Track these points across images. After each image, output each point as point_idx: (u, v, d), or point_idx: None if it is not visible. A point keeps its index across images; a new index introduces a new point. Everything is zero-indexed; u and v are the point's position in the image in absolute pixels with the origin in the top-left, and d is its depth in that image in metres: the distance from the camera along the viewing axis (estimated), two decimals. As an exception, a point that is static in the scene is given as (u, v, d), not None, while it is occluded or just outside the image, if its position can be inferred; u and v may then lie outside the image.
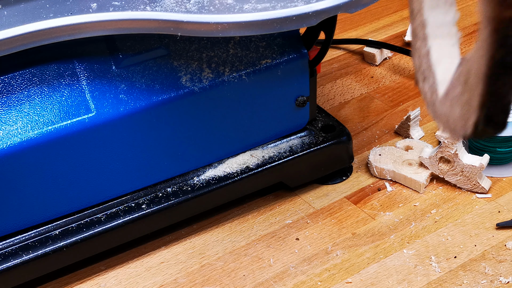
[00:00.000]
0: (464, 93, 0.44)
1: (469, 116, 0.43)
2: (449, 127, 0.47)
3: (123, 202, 0.74)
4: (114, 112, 0.69)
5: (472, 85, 0.42)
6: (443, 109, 0.47)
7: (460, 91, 0.44)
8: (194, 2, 0.65)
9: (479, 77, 0.41)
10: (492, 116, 0.42)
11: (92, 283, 0.74)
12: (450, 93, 0.46)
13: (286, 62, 0.75)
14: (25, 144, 0.66)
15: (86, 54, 0.70)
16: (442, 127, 0.48)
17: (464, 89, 0.44)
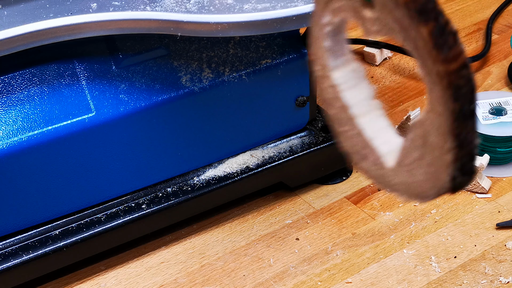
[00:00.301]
0: (425, 155, 0.44)
1: (439, 175, 0.43)
2: (413, 193, 0.47)
3: (123, 202, 0.74)
4: (114, 112, 0.69)
5: (434, 145, 0.43)
6: (398, 178, 0.48)
7: (418, 155, 0.44)
8: (194, 2, 0.65)
9: (443, 135, 0.41)
10: (466, 165, 0.42)
11: (92, 283, 0.74)
12: (404, 161, 0.46)
13: (286, 62, 0.75)
14: (25, 144, 0.66)
15: (86, 54, 0.70)
16: (403, 195, 0.48)
17: (423, 152, 0.44)
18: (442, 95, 0.40)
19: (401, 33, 0.42)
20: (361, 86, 0.50)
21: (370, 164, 0.49)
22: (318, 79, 0.50)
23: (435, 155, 0.43)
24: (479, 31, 1.10)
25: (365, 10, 0.45)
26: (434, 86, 0.40)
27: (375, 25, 0.45)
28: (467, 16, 1.15)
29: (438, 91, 0.40)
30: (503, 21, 1.13)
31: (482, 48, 1.04)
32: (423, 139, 0.44)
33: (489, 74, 1.00)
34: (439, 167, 0.43)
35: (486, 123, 0.82)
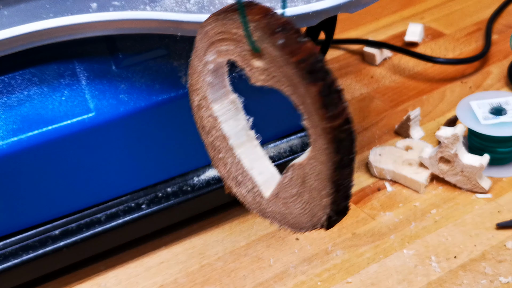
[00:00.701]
0: (303, 193, 0.47)
1: (316, 212, 0.47)
2: (288, 222, 0.50)
3: (123, 202, 0.74)
4: (114, 112, 0.69)
5: (313, 187, 0.46)
6: (274, 208, 0.50)
7: (296, 191, 0.47)
8: (194, 2, 0.65)
9: (323, 181, 0.45)
10: (340, 206, 0.46)
11: (92, 283, 0.74)
12: (282, 194, 0.49)
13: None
14: (25, 144, 0.66)
15: (86, 54, 0.70)
16: (278, 223, 0.51)
17: (302, 190, 0.47)
18: (326, 148, 0.43)
19: (289, 88, 0.43)
20: (238, 118, 0.52)
21: (246, 191, 0.51)
22: (196, 108, 0.51)
23: (313, 196, 0.46)
24: (479, 31, 1.10)
25: (253, 59, 0.45)
26: (319, 138, 0.43)
27: (263, 74, 0.45)
28: (467, 16, 1.15)
29: (322, 144, 0.43)
30: (503, 21, 1.13)
31: (482, 48, 1.04)
32: (302, 180, 0.46)
33: (489, 74, 1.00)
34: (316, 206, 0.46)
35: (486, 123, 0.82)
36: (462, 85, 0.99)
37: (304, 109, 0.43)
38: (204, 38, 0.48)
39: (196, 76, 0.50)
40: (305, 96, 0.42)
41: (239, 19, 0.44)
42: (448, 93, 0.98)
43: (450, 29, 1.12)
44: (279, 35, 0.43)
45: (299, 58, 0.42)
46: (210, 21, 0.47)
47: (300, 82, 0.42)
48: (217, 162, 0.53)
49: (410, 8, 1.19)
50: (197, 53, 0.49)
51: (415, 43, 1.08)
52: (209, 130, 0.51)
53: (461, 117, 0.83)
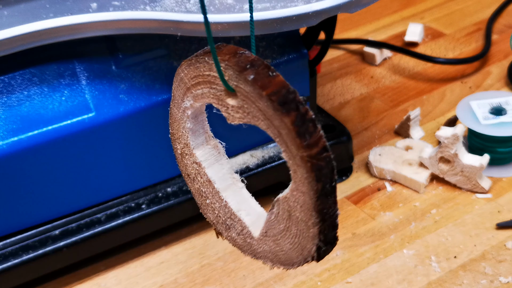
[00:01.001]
0: (291, 227, 0.47)
1: (305, 245, 0.47)
2: (280, 260, 0.50)
3: (123, 202, 0.74)
4: (114, 112, 0.69)
5: (299, 218, 0.46)
6: (265, 247, 0.50)
7: (284, 226, 0.47)
8: (194, 2, 0.65)
9: (307, 211, 0.45)
10: (328, 236, 0.46)
11: (92, 283, 0.74)
12: (270, 232, 0.49)
13: (286, 62, 0.75)
14: (25, 144, 0.66)
15: (86, 54, 0.70)
16: (271, 263, 0.51)
17: (289, 224, 0.47)
18: (306, 177, 0.43)
19: (264, 122, 0.44)
20: (221, 162, 0.52)
21: (236, 234, 0.52)
22: (180, 156, 0.52)
23: (301, 228, 0.46)
24: (479, 31, 1.10)
25: (228, 99, 0.46)
26: (298, 168, 0.43)
27: (238, 113, 0.46)
28: (467, 16, 1.15)
29: (302, 173, 0.43)
30: (503, 21, 1.13)
31: (482, 48, 1.04)
32: (288, 213, 0.47)
33: (489, 74, 1.00)
34: (305, 239, 0.47)
35: (486, 123, 0.82)
36: (462, 85, 0.99)
37: (280, 141, 0.44)
38: (181, 85, 0.49)
39: (177, 125, 0.51)
40: (280, 127, 0.43)
41: (210, 60, 0.46)
42: (448, 93, 0.98)
43: (450, 29, 1.12)
44: (249, 71, 0.44)
45: (270, 91, 0.43)
46: (184, 67, 0.48)
47: (274, 114, 0.43)
48: (205, 208, 0.54)
49: (410, 8, 1.19)
50: (175, 101, 0.50)
51: (415, 43, 1.08)
52: (194, 177, 0.52)
53: (461, 117, 0.83)
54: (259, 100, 0.44)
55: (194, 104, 0.49)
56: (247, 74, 0.44)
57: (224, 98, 0.47)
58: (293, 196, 0.46)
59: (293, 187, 0.45)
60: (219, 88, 0.47)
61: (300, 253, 0.48)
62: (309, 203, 0.45)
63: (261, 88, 0.43)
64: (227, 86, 0.45)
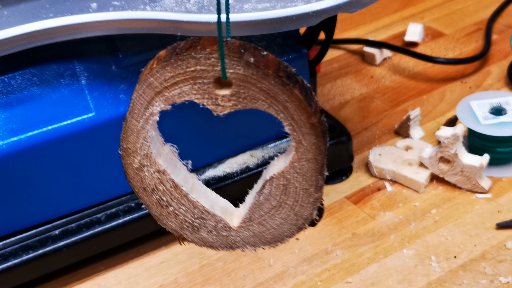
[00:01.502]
0: (285, 201, 0.50)
1: (302, 212, 0.50)
2: (265, 240, 0.52)
3: (123, 202, 0.74)
4: (114, 112, 0.69)
5: (299, 188, 0.49)
6: (246, 233, 0.52)
7: (276, 203, 0.50)
8: (194, 2, 0.65)
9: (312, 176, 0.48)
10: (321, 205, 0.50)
11: (92, 283, 0.74)
12: (256, 214, 0.51)
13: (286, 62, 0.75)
14: (25, 144, 0.66)
15: (86, 54, 0.70)
16: (252, 247, 0.53)
17: (283, 198, 0.50)
18: (315, 142, 0.47)
19: (266, 101, 0.46)
20: (178, 165, 0.53)
21: (206, 232, 0.53)
22: (135, 171, 0.52)
23: (299, 198, 0.49)
24: (479, 31, 1.10)
25: (218, 90, 0.47)
26: (306, 137, 0.46)
27: (230, 100, 0.47)
28: (467, 16, 1.15)
29: (310, 140, 0.47)
30: (503, 21, 1.13)
31: (482, 48, 1.04)
32: (283, 188, 0.49)
33: (489, 74, 1.00)
34: (302, 207, 0.49)
35: (486, 123, 0.82)
36: (462, 85, 0.99)
37: (285, 116, 0.46)
38: (146, 91, 0.48)
39: (134, 137, 0.50)
40: (287, 101, 0.45)
41: (197, 55, 0.46)
42: (448, 93, 0.98)
43: (450, 29, 1.12)
44: (246, 55, 0.45)
45: (273, 69, 0.45)
46: (154, 71, 0.47)
47: (282, 90, 0.45)
48: (165, 218, 0.54)
49: (410, 8, 1.19)
50: (134, 112, 0.50)
51: (415, 43, 1.08)
52: (153, 188, 0.52)
53: (461, 117, 0.83)
54: (263, 80, 0.45)
55: (164, 107, 0.49)
56: (246, 58, 0.45)
57: (212, 90, 0.47)
58: (294, 168, 0.48)
59: (294, 159, 0.47)
60: (206, 81, 0.47)
61: (294, 224, 0.50)
62: (314, 168, 0.48)
63: (266, 68, 0.45)
64: (224, 75, 0.46)
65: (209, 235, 0.53)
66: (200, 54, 0.46)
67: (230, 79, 0.46)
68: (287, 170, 0.48)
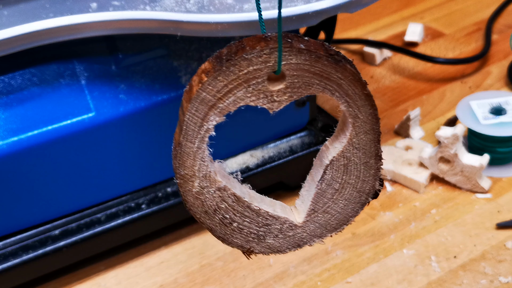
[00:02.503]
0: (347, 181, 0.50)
1: (364, 187, 0.50)
2: (332, 227, 0.52)
3: (123, 202, 0.74)
4: (114, 112, 0.69)
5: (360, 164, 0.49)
6: (311, 226, 0.52)
7: (338, 186, 0.50)
8: (194, 2, 0.65)
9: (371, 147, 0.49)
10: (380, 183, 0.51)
11: (92, 283, 0.74)
12: (319, 205, 0.51)
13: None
14: (25, 144, 0.66)
15: (86, 54, 0.70)
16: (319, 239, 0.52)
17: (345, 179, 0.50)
18: (370, 112, 0.48)
19: (320, 84, 0.46)
20: (231, 177, 0.51)
21: (273, 238, 0.52)
22: (195, 196, 0.51)
23: (360, 174, 0.49)
24: (479, 31, 1.10)
25: (272, 85, 0.47)
26: (363, 109, 0.48)
27: (286, 93, 0.47)
28: (467, 16, 1.15)
29: (366, 111, 0.48)
30: (503, 21, 1.13)
31: (482, 48, 1.04)
32: (344, 168, 0.49)
33: (489, 74, 1.00)
34: (364, 182, 0.50)
35: (486, 123, 0.82)
36: (462, 85, 0.99)
37: (341, 93, 0.47)
38: (200, 108, 0.47)
39: (191, 160, 0.49)
40: (342, 78, 0.46)
41: (248, 55, 0.46)
42: (448, 93, 0.98)
43: (450, 29, 1.12)
44: (294, 42, 0.46)
45: (323, 50, 0.46)
46: (206, 84, 0.46)
47: (335, 68, 0.46)
48: (230, 236, 0.52)
49: (410, 8, 1.19)
50: (188, 134, 0.48)
51: (415, 43, 1.08)
52: (215, 209, 0.51)
53: (461, 117, 0.83)
54: (316, 63, 0.46)
55: (219, 120, 0.48)
56: (296, 45, 0.46)
57: (266, 88, 0.47)
58: (352, 144, 0.48)
59: (351, 135, 0.48)
60: (260, 80, 0.47)
61: (357, 201, 0.50)
62: (372, 138, 0.49)
63: (317, 51, 0.46)
64: (279, 69, 0.46)
65: (275, 240, 0.52)
66: (251, 54, 0.45)
67: (283, 71, 0.46)
68: (346, 149, 0.49)
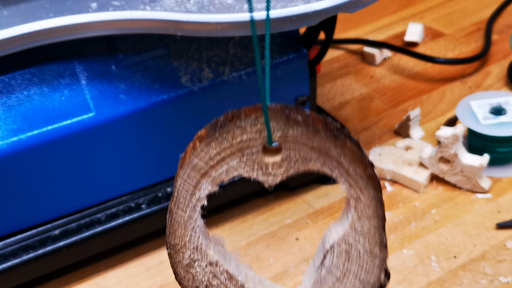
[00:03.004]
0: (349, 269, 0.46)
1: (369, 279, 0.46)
2: None
3: (123, 202, 0.74)
4: (114, 112, 0.69)
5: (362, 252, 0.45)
6: None
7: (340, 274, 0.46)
8: (194, 2, 0.65)
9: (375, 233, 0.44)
10: None
11: (92, 283, 0.74)
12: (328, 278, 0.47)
13: (286, 62, 0.75)
14: (25, 144, 0.66)
15: (86, 54, 0.70)
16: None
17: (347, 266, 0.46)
18: (374, 196, 0.43)
19: (318, 160, 0.42)
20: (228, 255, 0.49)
21: None
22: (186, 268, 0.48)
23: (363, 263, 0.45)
24: (479, 31, 1.10)
25: (267, 158, 0.44)
26: (365, 191, 0.43)
27: (281, 167, 0.44)
28: (467, 16, 1.15)
29: (369, 194, 0.43)
30: (503, 21, 1.13)
31: (482, 48, 1.04)
32: (346, 255, 0.45)
33: (489, 74, 1.00)
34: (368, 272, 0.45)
35: (486, 123, 0.82)
36: (462, 85, 0.99)
37: (341, 171, 0.43)
38: (191, 175, 0.45)
39: (182, 230, 0.47)
40: (341, 154, 0.42)
41: (242, 124, 0.43)
42: (448, 93, 0.98)
43: (450, 29, 1.12)
44: (293, 113, 0.42)
45: (322, 123, 0.42)
46: (198, 151, 0.44)
47: (334, 144, 0.42)
48: None
49: (410, 8, 1.19)
50: (179, 202, 0.46)
51: (415, 43, 1.08)
52: (206, 285, 0.49)
53: (461, 117, 0.83)
54: (314, 137, 0.42)
55: (212, 190, 0.47)
56: (294, 116, 0.42)
57: (261, 159, 0.44)
58: (354, 229, 0.44)
59: (353, 219, 0.44)
60: (255, 150, 0.44)
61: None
62: (376, 225, 0.43)
63: (314, 124, 0.42)
64: (270, 140, 0.43)
65: None
66: (245, 122, 0.43)
67: (279, 143, 0.43)
68: (348, 233, 0.44)
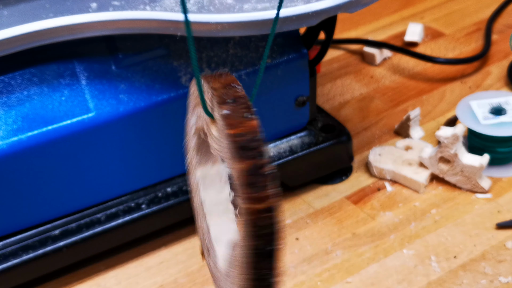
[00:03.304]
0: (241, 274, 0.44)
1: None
2: None
3: (123, 202, 0.74)
4: (114, 112, 0.69)
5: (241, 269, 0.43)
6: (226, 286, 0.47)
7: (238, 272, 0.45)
8: (194, 2, 0.65)
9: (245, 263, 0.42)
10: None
11: (92, 283, 0.74)
12: (230, 273, 0.46)
13: (286, 62, 0.75)
14: (25, 144, 0.66)
15: (86, 54, 0.70)
16: None
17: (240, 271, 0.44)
18: (245, 230, 0.41)
19: (228, 161, 0.42)
20: (221, 189, 0.50)
21: (211, 262, 0.50)
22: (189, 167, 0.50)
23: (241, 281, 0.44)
24: (479, 31, 1.10)
25: (212, 127, 0.45)
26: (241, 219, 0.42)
27: (216, 144, 0.44)
28: (467, 16, 1.15)
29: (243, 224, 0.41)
30: (503, 21, 1.13)
31: (482, 48, 1.04)
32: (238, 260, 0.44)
33: (489, 74, 1.00)
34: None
35: (486, 123, 0.82)
36: (462, 85, 0.99)
37: (235, 187, 0.42)
38: (191, 97, 0.47)
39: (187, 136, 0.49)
40: (234, 170, 0.42)
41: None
42: (448, 93, 0.98)
43: (450, 29, 1.12)
44: (227, 106, 0.43)
45: (236, 132, 0.42)
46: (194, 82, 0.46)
47: (233, 156, 0.42)
48: (198, 226, 0.52)
49: (410, 8, 1.19)
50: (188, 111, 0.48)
51: (415, 43, 1.08)
52: (193, 193, 0.51)
53: (461, 117, 0.83)
54: (225, 137, 0.43)
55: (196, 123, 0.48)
56: (223, 108, 0.43)
57: (210, 125, 0.46)
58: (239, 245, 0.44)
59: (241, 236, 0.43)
60: None
61: None
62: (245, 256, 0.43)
63: (228, 126, 0.42)
64: (207, 113, 0.44)
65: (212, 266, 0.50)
66: None
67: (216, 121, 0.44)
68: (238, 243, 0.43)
